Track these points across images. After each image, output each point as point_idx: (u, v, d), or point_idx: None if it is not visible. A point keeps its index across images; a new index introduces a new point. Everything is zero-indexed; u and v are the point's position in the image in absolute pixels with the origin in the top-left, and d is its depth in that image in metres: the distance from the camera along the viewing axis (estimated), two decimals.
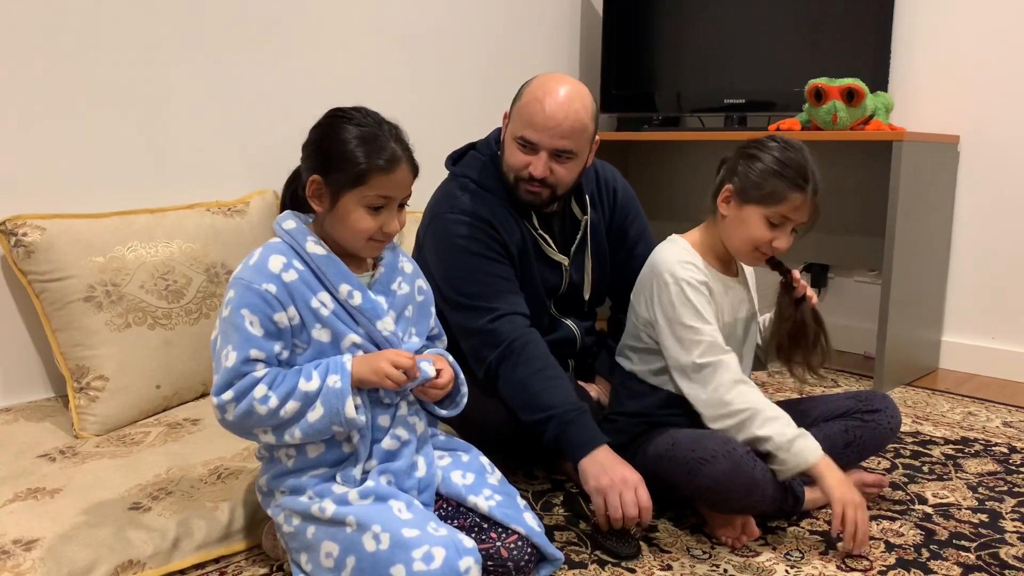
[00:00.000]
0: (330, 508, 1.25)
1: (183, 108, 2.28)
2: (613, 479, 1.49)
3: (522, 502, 1.40)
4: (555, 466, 1.87)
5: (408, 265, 1.44)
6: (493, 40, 3.12)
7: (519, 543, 1.32)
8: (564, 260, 1.85)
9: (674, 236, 1.72)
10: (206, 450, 1.74)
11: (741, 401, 1.55)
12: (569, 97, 1.67)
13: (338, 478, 1.29)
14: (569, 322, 1.89)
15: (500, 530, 1.33)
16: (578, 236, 1.87)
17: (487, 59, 3.10)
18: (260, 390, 1.22)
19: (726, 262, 1.70)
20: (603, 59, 3.34)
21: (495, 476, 1.43)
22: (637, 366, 1.72)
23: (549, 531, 1.58)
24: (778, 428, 1.52)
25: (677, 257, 1.65)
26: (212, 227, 2.15)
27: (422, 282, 1.47)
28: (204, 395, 2.09)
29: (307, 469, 1.30)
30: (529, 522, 1.35)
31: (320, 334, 1.28)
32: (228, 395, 1.22)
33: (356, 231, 1.29)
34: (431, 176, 1.90)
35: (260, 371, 1.23)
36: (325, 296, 1.29)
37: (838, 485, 1.49)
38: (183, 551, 1.41)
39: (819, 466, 1.50)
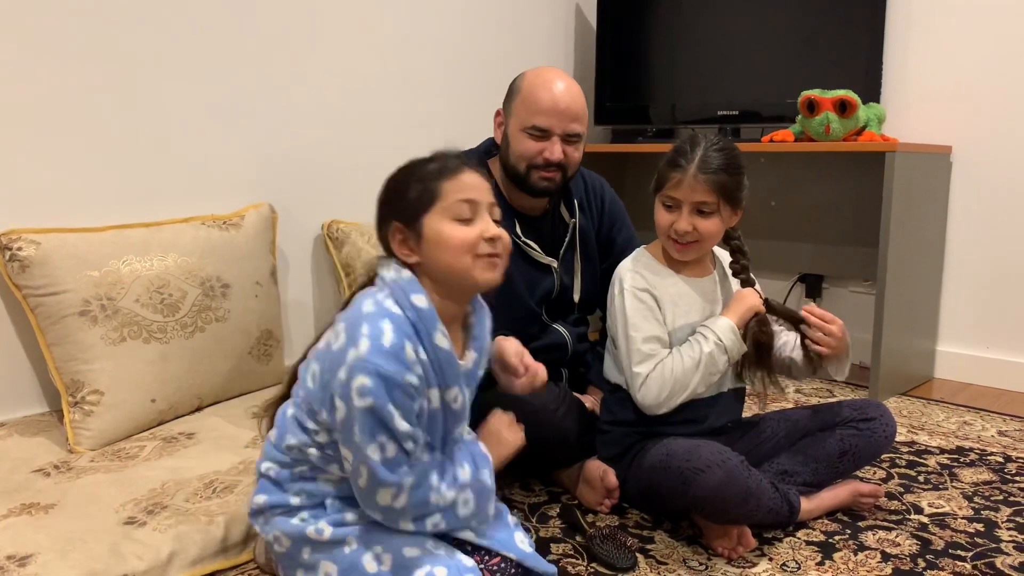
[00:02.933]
0: (327, 530, 1.23)
1: (178, 122, 2.29)
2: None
3: (512, 519, 1.38)
4: (551, 478, 1.87)
5: (488, 334, 1.36)
6: (487, 52, 3.13)
7: (502, 564, 1.28)
8: (553, 262, 1.87)
9: (640, 248, 1.77)
10: (201, 464, 1.73)
11: (664, 378, 1.62)
12: (569, 83, 1.79)
13: (326, 505, 1.27)
14: (559, 327, 1.90)
15: (483, 551, 1.30)
16: (567, 238, 1.90)
17: (480, 71, 3.11)
18: (435, 479, 1.19)
19: (695, 264, 1.71)
20: (597, 72, 3.35)
21: None
22: (618, 377, 1.73)
23: (545, 543, 1.58)
24: (701, 357, 1.61)
25: (628, 267, 1.71)
26: (208, 241, 2.15)
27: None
28: (199, 409, 2.09)
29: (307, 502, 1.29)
30: (520, 546, 1.31)
31: None
32: (409, 480, 1.16)
33: (457, 248, 1.19)
34: None
35: (426, 459, 1.19)
36: (434, 394, 1.22)
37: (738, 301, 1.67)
38: (178, 566, 1.41)
39: (731, 320, 1.64)
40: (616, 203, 2.03)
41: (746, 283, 1.70)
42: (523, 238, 1.84)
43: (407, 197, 1.23)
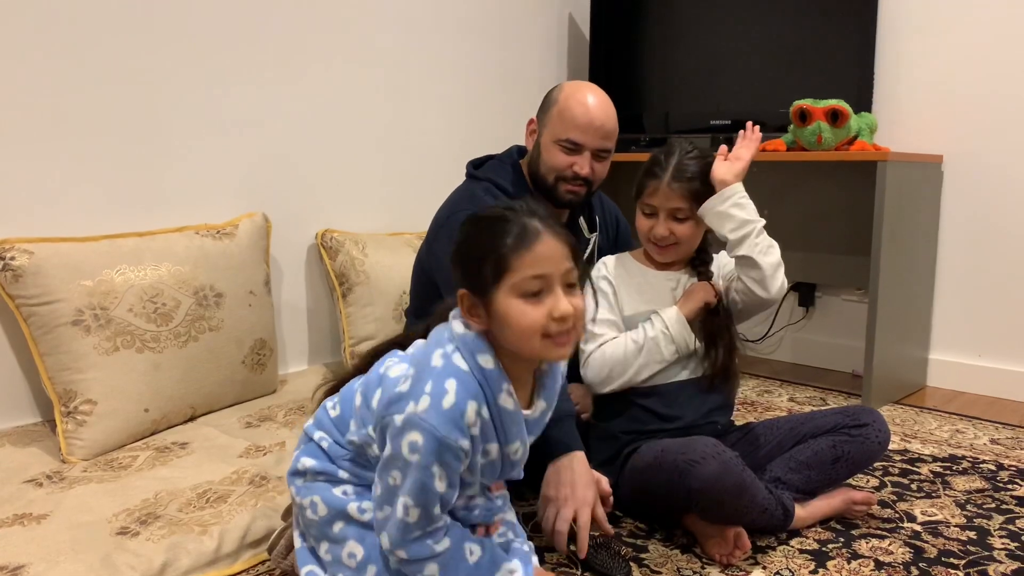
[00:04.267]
0: (370, 513, 1.23)
1: (172, 132, 2.29)
2: (559, 494, 1.49)
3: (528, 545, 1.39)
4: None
5: (558, 383, 1.33)
6: (480, 63, 3.14)
7: None
8: None
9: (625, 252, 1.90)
10: (194, 474, 1.73)
11: (605, 358, 1.72)
12: (604, 101, 1.83)
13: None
14: None
15: None
16: (586, 251, 1.96)
17: (474, 81, 3.13)
18: (431, 569, 1.16)
19: (671, 262, 1.80)
20: (590, 81, 3.36)
21: (512, 513, 1.41)
22: None
23: (539, 553, 1.57)
24: (645, 341, 1.70)
25: (603, 259, 1.85)
26: (201, 250, 2.15)
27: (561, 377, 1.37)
28: (192, 418, 2.09)
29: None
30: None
31: (467, 475, 1.20)
32: (403, 555, 1.16)
33: (524, 331, 1.13)
34: (419, 194, 1.92)
35: (440, 543, 1.17)
36: (493, 447, 1.19)
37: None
38: None
39: (680, 310, 1.71)
40: (628, 230, 2.10)
41: (702, 276, 1.78)
42: None
43: (478, 269, 1.15)
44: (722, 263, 1.83)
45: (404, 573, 1.19)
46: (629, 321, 1.76)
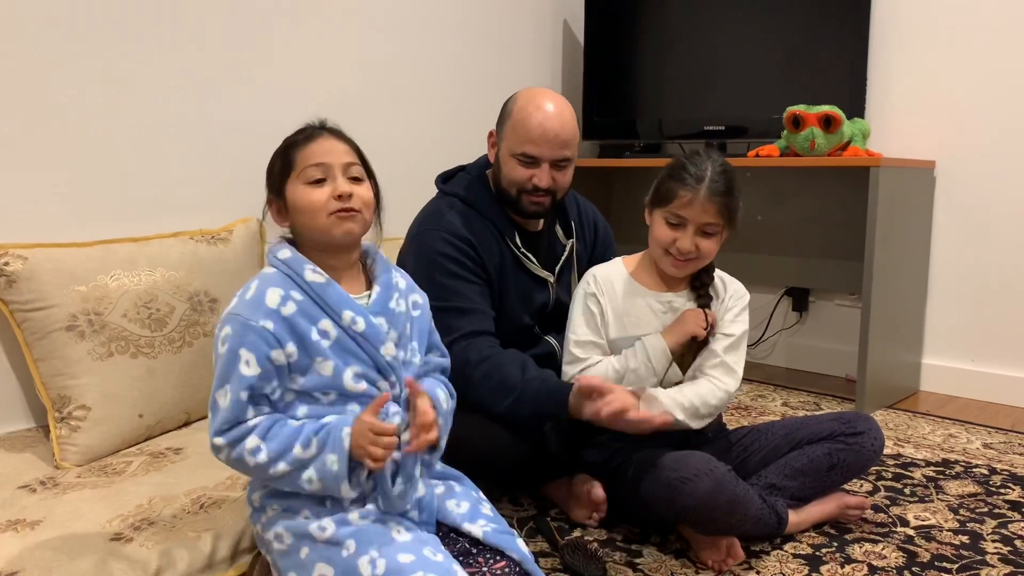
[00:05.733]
0: (330, 528, 1.24)
1: (166, 137, 2.29)
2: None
3: (513, 531, 1.39)
4: (540, 494, 1.88)
5: (402, 281, 1.42)
6: (475, 69, 3.15)
7: (506, 570, 1.31)
8: (549, 276, 1.90)
9: (619, 258, 1.82)
10: (189, 480, 1.73)
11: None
12: (559, 109, 1.77)
13: (328, 504, 1.28)
14: (550, 339, 1.91)
15: (488, 555, 1.32)
16: (563, 257, 1.93)
17: (469, 87, 3.13)
18: (252, 441, 1.22)
19: (667, 279, 1.73)
20: (585, 87, 3.38)
21: (487, 506, 1.42)
22: None
23: (534, 558, 1.58)
24: (626, 372, 1.67)
25: (593, 272, 1.78)
26: (195, 255, 2.15)
27: (417, 296, 1.45)
28: (187, 424, 2.08)
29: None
30: (523, 548, 1.34)
31: (322, 367, 1.26)
32: (221, 441, 1.23)
33: (311, 209, 1.29)
34: (414, 200, 1.92)
35: (253, 419, 1.23)
36: (327, 324, 1.27)
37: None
38: None
39: (666, 341, 1.66)
40: (609, 231, 2.08)
41: (701, 299, 1.71)
42: (521, 249, 1.86)
43: (273, 171, 1.36)
44: (732, 291, 1.75)
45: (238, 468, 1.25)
46: (614, 345, 1.71)
